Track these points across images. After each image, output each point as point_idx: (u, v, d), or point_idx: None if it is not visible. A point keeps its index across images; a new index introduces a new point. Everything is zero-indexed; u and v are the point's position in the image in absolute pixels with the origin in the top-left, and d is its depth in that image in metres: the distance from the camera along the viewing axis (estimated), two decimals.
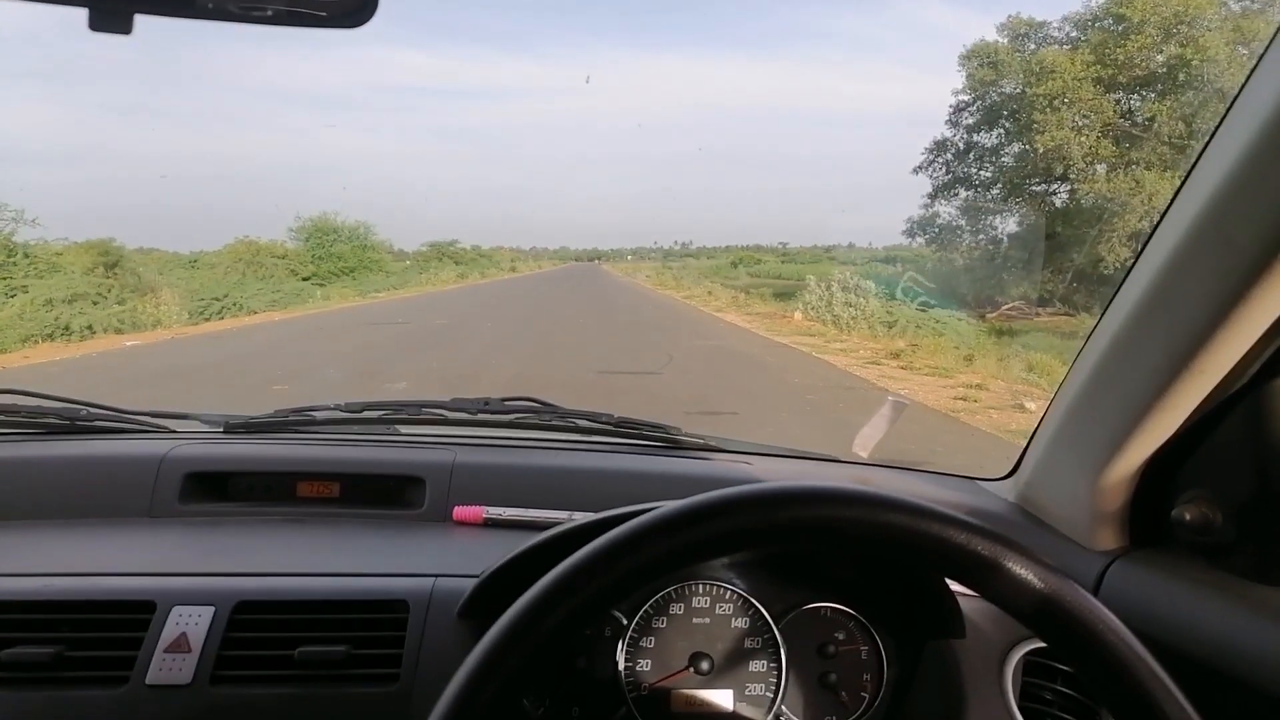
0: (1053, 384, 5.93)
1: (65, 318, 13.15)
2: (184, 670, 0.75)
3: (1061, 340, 12.29)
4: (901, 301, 13.99)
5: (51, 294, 13.82)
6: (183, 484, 1.08)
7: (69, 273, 15.63)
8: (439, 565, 0.88)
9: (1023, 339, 12.31)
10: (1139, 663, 0.48)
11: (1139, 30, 19.78)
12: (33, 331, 12.51)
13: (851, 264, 29.72)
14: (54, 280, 14.64)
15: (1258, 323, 0.68)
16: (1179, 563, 0.82)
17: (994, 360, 9.58)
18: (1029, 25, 23.36)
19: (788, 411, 6.39)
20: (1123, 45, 20.10)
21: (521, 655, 0.48)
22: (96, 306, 14.25)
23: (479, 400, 1.27)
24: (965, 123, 24.84)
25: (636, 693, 0.83)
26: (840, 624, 0.88)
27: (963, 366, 9.33)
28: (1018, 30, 23.52)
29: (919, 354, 10.21)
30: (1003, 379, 8.47)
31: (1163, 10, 19.46)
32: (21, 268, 14.70)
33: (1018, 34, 23.52)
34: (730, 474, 1.19)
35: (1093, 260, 19.11)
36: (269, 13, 0.49)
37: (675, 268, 54.06)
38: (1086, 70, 20.57)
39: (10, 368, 9.65)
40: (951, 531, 0.51)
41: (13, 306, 13.21)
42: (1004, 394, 7.60)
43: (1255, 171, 0.63)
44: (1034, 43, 23.27)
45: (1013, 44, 23.44)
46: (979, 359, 9.67)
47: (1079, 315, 17.42)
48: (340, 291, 24.20)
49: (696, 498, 0.52)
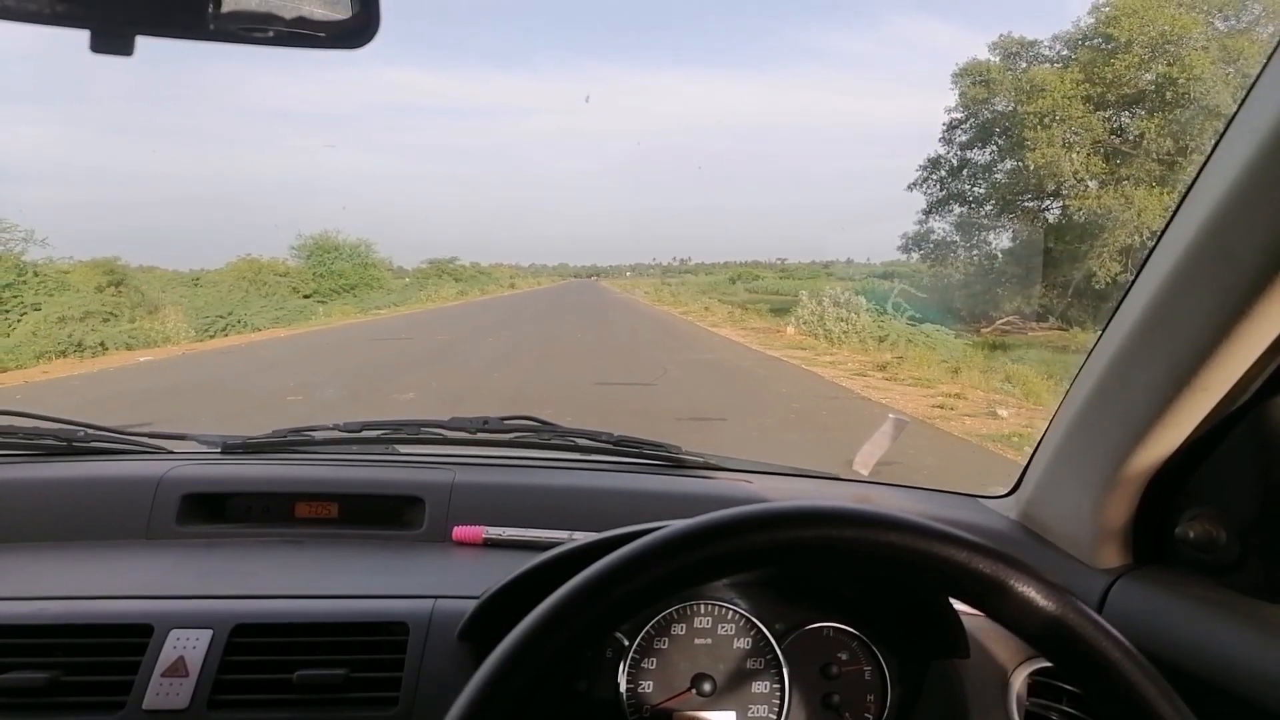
0: (1026, 394, 6.60)
1: (78, 334, 13.73)
2: (181, 695, 0.75)
3: (1051, 354, 12.78)
4: (892, 316, 14.55)
5: (64, 312, 14.38)
6: (180, 505, 1.08)
7: (78, 291, 16.19)
8: (439, 586, 0.89)
9: (1012, 353, 12.74)
10: (1148, 683, 0.48)
11: (1127, 49, 20.37)
12: (47, 348, 13.08)
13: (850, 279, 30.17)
14: (66, 298, 15.21)
15: (1260, 338, 0.68)
16: (1183, 581, 0.82)
17: (978, 372, 10.09)
18: (1020, 44, 24.00)
19: (773, 418, 6.90)
20: (1111, 64, 20.71)
21: (523, 679, 0.48)
22: (107, 324, 14.81)
23: (478, 419, 1.27)
24: (959, 140, 25.49)
25: (638, 715, 0.83)
26: (843, 644, 0.88)
27: (947, 378, 9.84)
28: (1009, 49, 24.15)
29: (904, 366, 10.75)
30: (981, 389, 8.99)
31: (1149, 30, 20.04)
32: (32, 286, 15.25)
33: (1009, 53, 24.16)
34: (731, 493, 1.19)
35: (1085, 275, 19.62)
36: (270, 34, 0.50)
37: (674, 284, 54.74)
38: (1076, 89, 21.18)
39: (33, 381, 10.18)
40: (953, 551, 0.51)
41: (27, 324, 13.80)
42: (980, 403, 8.11)
43: (1255, 186, 0.64)
44: (1025, 61, 23.91)
45: (1004, 62, 24.06)
46: (964, 371, 10.17)
47: (1072, 330, 17.89)
48: (341, 309, 24.79)
49: (698, 519, 0.52)
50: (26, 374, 11.20)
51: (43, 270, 16.06)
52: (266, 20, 0.50)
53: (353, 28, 0.51)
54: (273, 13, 0.50)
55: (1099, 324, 0.88)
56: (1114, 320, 0.82)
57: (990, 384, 9.27)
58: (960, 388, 8.99)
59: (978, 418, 7.28)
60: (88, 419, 1.27)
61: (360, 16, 0.52)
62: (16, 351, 12.57)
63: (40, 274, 15.84)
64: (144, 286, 19.07)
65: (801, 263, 60.53)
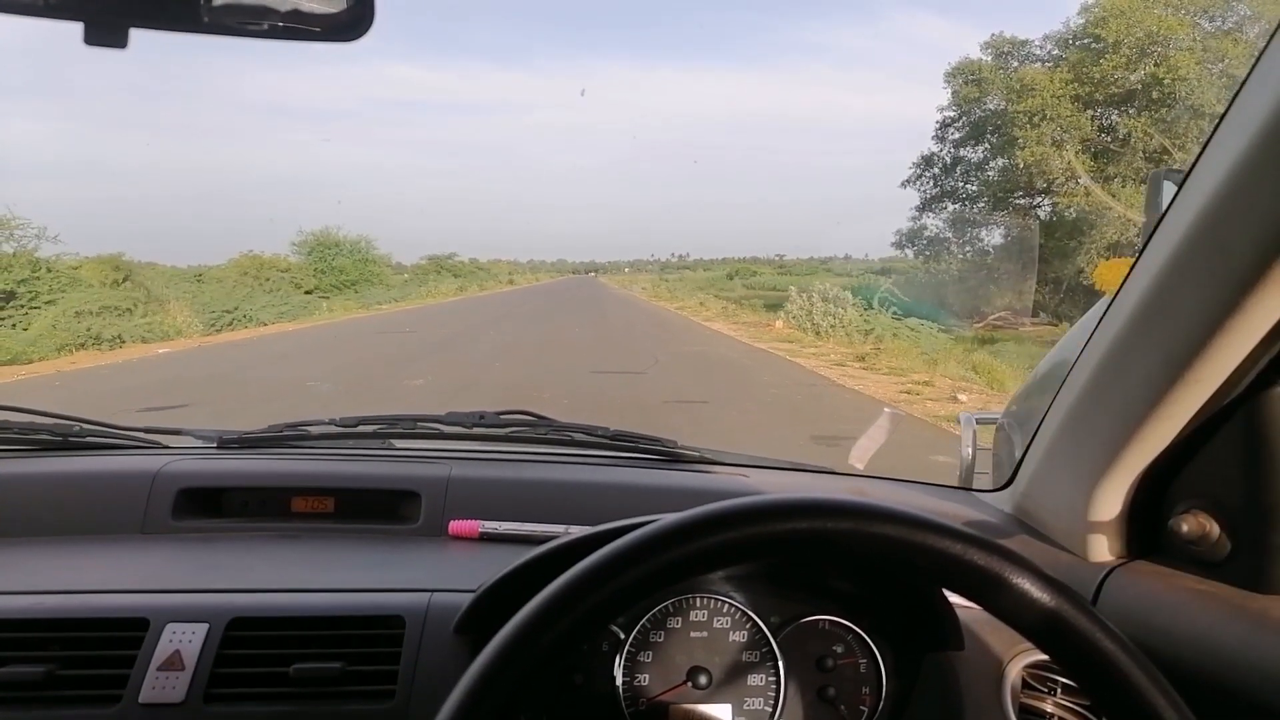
0: (990, 382, 7.60)
1: (96, 328, 14.52)
2: (177, 688, 0.76)
3: (1032, 348, 13.40)
4: (878, 311, 15.31)
5: (81, 306, 15.15)
6: (176, 500, 1.09)
7: (89, 286, 16.93)
8: (435, 580, 0.90)
9: (994, 346, 13.41)
10: (1143, 676, 0.49)
11: (1115, 50, 20.92)
12: (66, 341, 13.82)
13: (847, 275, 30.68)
14: (83, 293, 15.97)
15: (1254, 331, 0.69)
16: (1176, 573, 0.83)
17: (954, 363, 10.84)
18: (1011, 44, 24.57)
19: (752, 401, 7.68)
20: (1099, 64, 21.29)
21: (519, 671, 0.49)
22: (122, 318, 15.58)
23: (474, 414, 1.29)
24: (951, 137, 26.08)
25: (634, 707, 0.84)
26: (839, 637, 0.89)
27: (923, 368, 10.60)
28: (1000, 49, 24.72)
29: (882, 357, 11.55)
30: (950, 378, 9.77)
31: (1136, 31, 20.59)
32: (46, 282, 15.97)
33: (1000, 52, 24.73)
34: (727, 487, 1.21)
35: (1076, 271, 20.21)
36: (264, 26, 0.50)
37: (672, 280, 55.44)
38: (1065, 88, 21.76)
39: (65, 371, 10.96)
40: (950, 543, 0.51)
41: (46, 318, 14.54)
42: (946, 389, 8.88)
43: (1251, 179, 0.64)
44: (1016, 60, 24.46)
45: (996, 62, 24.60)
46: (941, 363, 10.90)
47: (1062, 325, 18.43)
48: (344, 304, 25.59)
49: (694, 510, 0.53)
50: (55, 364, 11.96)
51: (55, 266, 16.73)
52: (261, 13, 0.50)
53: (347, 20, 0.52)
54: (267, 5, 0.50)
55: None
56: (1108, 314, 0.84)
57: (955, 372, 10.05)
58: (931, 376, 9.76)
59: (940, 402, 8.04)
60: (135, 404, 1.54)
61: (354, 9, 0.52)
62: (38, 344, 13.31)
63: (53, 270, 16.54)
64: (148, 282, 19.79)
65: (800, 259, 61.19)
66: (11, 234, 16.15)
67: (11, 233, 16.16)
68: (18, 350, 12.76)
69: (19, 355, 12.61)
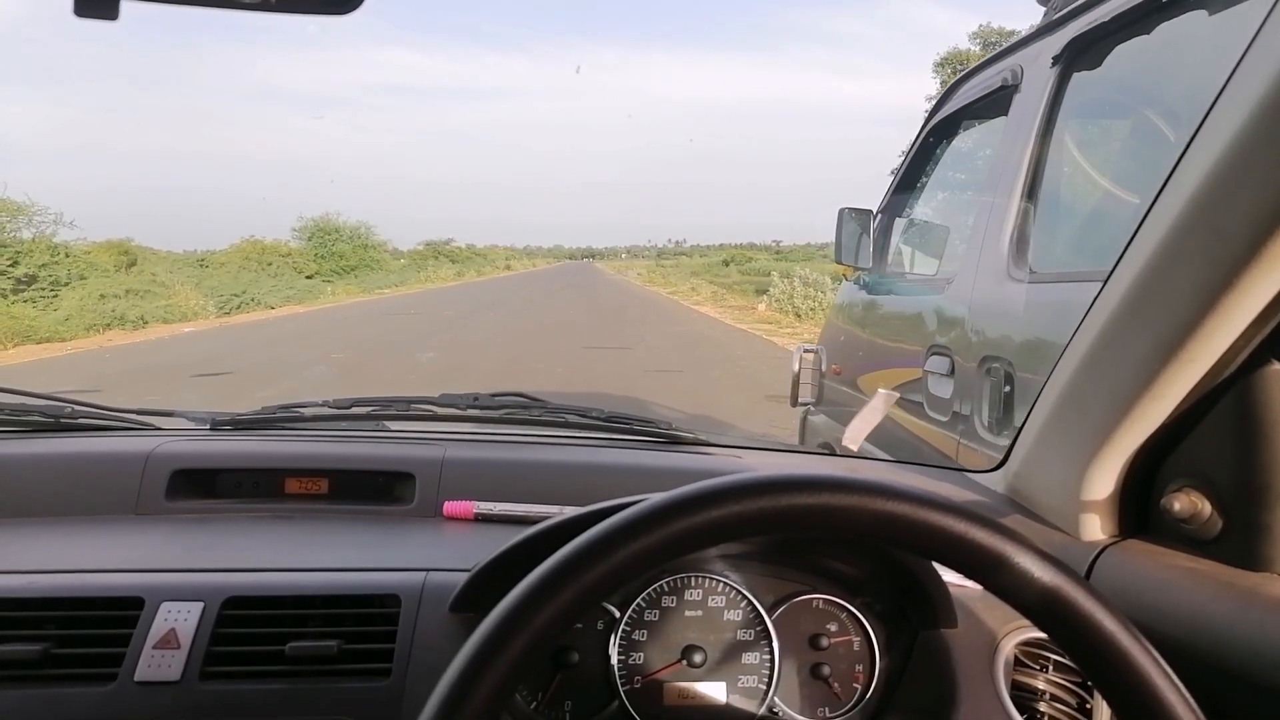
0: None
1: (120, 309, 15.87)
2: (173, 667, 0.77)
3: None
4: None
5: (105, 289, 16.50)
6: (169, 481, 1.10)
7: (105, 270, 18.21)
8: (430, 560, 0.91)
9: None
10: (1142, 654, 0.50)
11: None
12: (94, 321, 15.16)
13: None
14: (104, 277, 17.30)
15: (1246, 311, 0.70)
16: (1168, 552, 0.85)
17: None
18: (999, 34, 25.61)
19: (721, 371, 9.05)
20: None
21: (514, 649, 0.49)
22: (143, 300, 16.93)
23: (468, 395, 1.31)
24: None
25: (629, 686, 0.86)
26: (833, 615, 0.91)
27: None
28: (989, 39, 25.76)
29: None
30: None
31: None
32: (65, 266, 17.24)
33: (988, 42, 25.75)
34: (723, 468, 1.23)
35: None
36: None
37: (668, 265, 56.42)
38: None
39: (108, 346, 12.31)
40: (951, 521, 0.52)
41: (73, 299, 15.87)
42: None
43: (1243, 160, 0.66)
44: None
45: (984, 51, 25.61)
46: None
47: None
48: (346, 288, 26.91)
49: (697, 484, 0.53)
50: (93, 341, 13.33)
51: (71, 251, 17.98)
52: None
53: None
54: None
55: None
56: (1102, 294, 0.85)
57: None
58: None
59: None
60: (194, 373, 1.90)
61: None
62: (68, 323, 14.62)
63: (70, 254, 17.78)
64: (152, 267, 21.10)
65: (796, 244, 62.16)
66: (30, 219, 17.27)
67: (30, 218, 17.27)
68: (51, 330, 14.07)
69: (54, 334, 13.92)
